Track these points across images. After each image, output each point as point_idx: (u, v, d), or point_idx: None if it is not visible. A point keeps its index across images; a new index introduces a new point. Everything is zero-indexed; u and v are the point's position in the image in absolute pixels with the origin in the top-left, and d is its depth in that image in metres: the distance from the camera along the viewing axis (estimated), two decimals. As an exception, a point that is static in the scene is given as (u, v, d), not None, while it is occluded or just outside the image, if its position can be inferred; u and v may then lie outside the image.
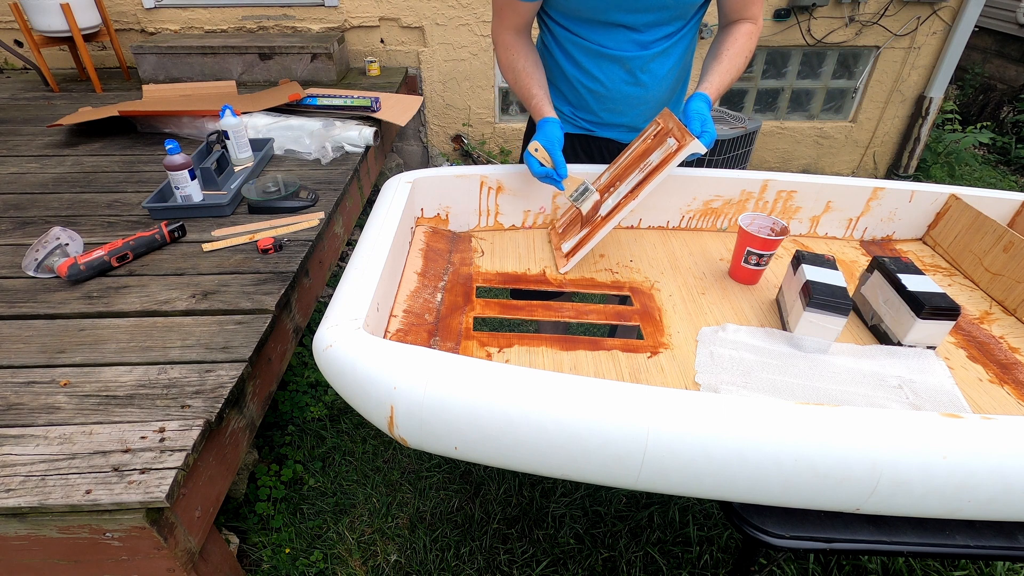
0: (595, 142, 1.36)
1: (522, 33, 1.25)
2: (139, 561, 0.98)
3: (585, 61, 1.23)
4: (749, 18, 1.21)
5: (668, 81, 1.26)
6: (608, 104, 1.28)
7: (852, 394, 0.89)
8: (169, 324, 1.28)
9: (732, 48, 1.19)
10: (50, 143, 2.25)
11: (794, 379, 0.92)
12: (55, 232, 1.49)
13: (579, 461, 0.70)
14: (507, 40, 1.24)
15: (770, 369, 0.93)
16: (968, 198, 1.29)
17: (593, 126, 1.33)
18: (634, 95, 1.26)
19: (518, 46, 1.24)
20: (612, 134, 1.34)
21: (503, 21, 1.23)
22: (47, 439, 1.00)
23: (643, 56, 1.20)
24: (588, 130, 1.34)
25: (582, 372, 0.92)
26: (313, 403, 1.90)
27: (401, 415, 0.71)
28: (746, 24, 1.21)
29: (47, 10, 2.60)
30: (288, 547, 1.50)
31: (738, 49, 1.19)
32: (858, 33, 3.23)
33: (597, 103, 1.29)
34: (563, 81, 1.29)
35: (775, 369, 0.93)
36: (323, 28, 3.16)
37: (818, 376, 0.93)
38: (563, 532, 1.55)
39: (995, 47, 4.67)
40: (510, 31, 1.24)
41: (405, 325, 0.99)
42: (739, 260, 1.14)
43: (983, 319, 1.11)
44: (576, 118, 1.33)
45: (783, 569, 1.46)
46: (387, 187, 1.18)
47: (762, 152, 3.64)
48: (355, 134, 2.18)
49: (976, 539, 0.78)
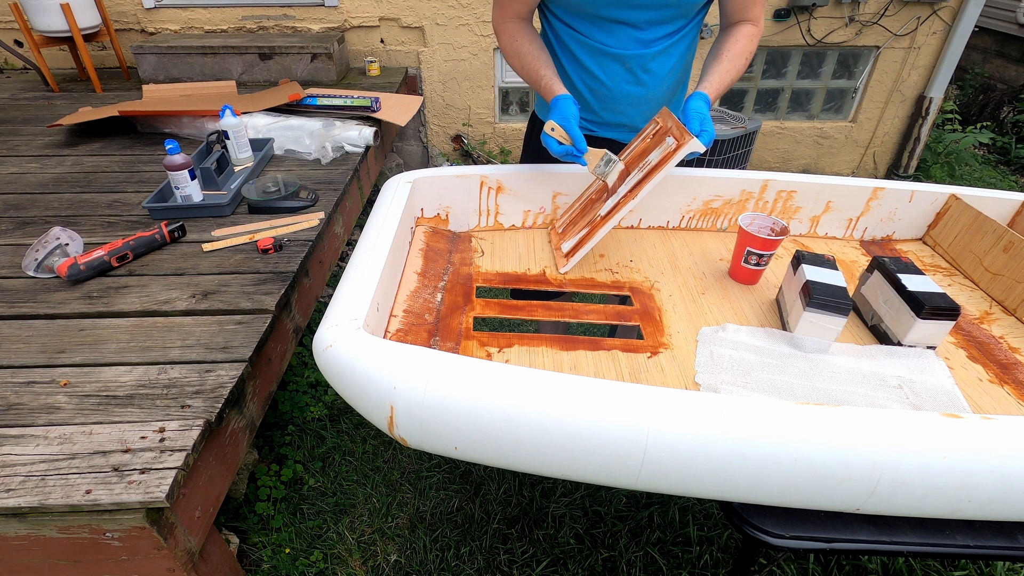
0: (596, 142, 1.35)
1: (524, 19, 1.25)
2: (139, 561, 0.98)
3: (586, 59, 1.23)
4: (750, 19, 1.21)
5: (669, 80, 1.26)
6: (609, 103, 1.28)
7: (852, 394, 0.89)
8: (169, 324, 1.28)
9: (733, 49, 1.19)
10: (50, 143, 2.25)
11: (794, 379, 0.92)
12: (55, 232, 1.49)
13: (579, 461, 0.70)
14: (510, 28, 1.24)
15: (770, 369, 0.93)
16: (968, 198, 1.29)
17: (595, 126, 1.33)
18: (635, 94, 1.26)
19: (521, 32, 1.24)
20: (613, 134, 1.34)
21: (505, 10, 1.23)
22: (47, 439, 1.00)
23: (644, 55, 1.20)
24: (590, 130, 1.34)
25: (582, 372, 0.92)
26: (313, 403, 1.90)
27: (401, 415, 0.71)
28: (747, 26, 1.21)
29: (47, 10, 2.60)
30: (288, 547, 1.50)
31: (739, 50, 1.19)
32: (858, 33, 3.23)
33: (598, 102, 1.29)
34: (564, 79, 1.28)
35: (775, 369, 0.93)
36: (323, 28, 3.16)
37: (818, 376, 0.93)
38: (563, 532, 1.55)
39: (995, 47, 4.67)
40: (512, 19, 1.24)
41: (405, 325, 0.99)
42: (739, 260, 1.14)
43: (983, 319, 1.11)
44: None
45: (783, 569, 1.46)
46: (387, 187, 1.18)
47: (762, 152, 3.64)
48: (355, 134, 2.18)
49: (976, 539, 0.78)
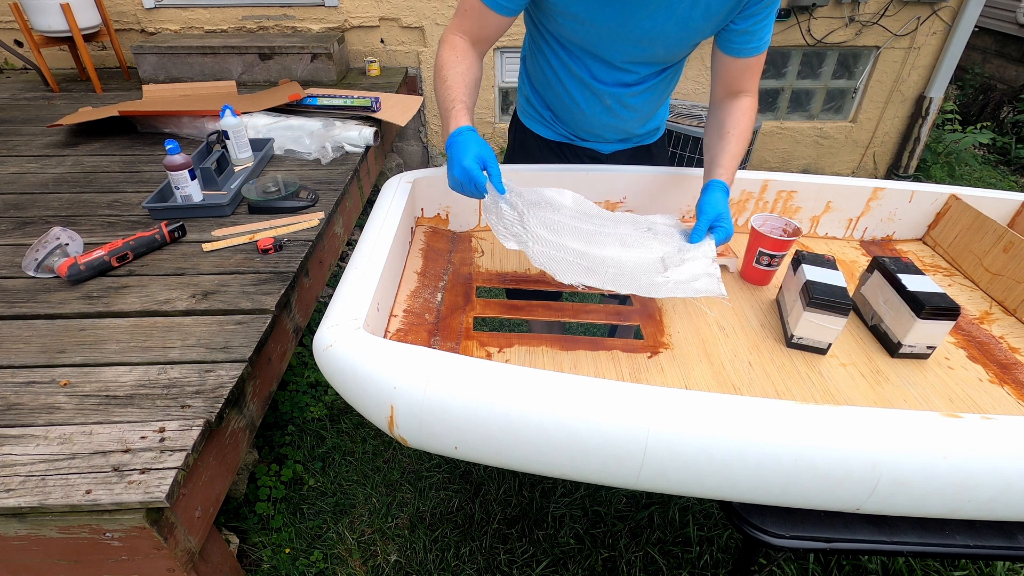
0: (574, 150, 1.36)
1: (477, 45, 1.10)
2: (139, 561, 0.98)
3: (568, 83, 1.21)
4: (747, 91, 1.13)
5: (646, 110, 1.26)
6: (584, 124, 1.29)
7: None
8: (169, 324, 1.28)
9: (737, 128, 1.11)
10: (50, 143, 2.25)
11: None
12: (55, 232, 1.49)
13: (579, 461, 0.70)
14: (459, 43, 1.08)
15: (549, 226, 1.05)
16: (968, 198, 1.29)
17: (572, 136, 1.34)
18: (610, 123, 1.27)
19: (468, 55, 1.08)
20: (591, 145, 1.35)
21: (463, 23, 1.08)
22: (47, 439, 1.00)
23: (624, 92, 1.19)
24: (568, 139, 1.35)
25: (582, 372, 0.92)
26: (313, 403, 1.90)
27: (401, 415, 0.71)
28: (745, 99, 1.13)
29: (47, 10, 2.60)
30: (288, 547, 1.50)
31: (742, 130, 1.12)
32: (858, 33, 3.23)
33: (573, 122, 1.30)
34: (548, 89, 1.28)
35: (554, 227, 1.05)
36: (323, 28, 3.16)
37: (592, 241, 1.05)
38: (563, 532, 1.55)
39: (995, 47, 4.67)
40: (467, 38, 1.09)
41: (405, 325, 0.99)
42: (751, 260, 1.14)
43: (983, 319, 1.11)
44: (556, 125, 1.34)
45: (783, 569, 1.46)
46: (387, 187, 1.18)
47: (762, 152, 3.64)
48: (355, 134, 2.18)
49: (976, 539, 0.78)
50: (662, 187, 1.30)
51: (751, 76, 1.12)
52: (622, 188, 1.29)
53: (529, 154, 1.39)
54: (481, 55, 1.12)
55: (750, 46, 1.06)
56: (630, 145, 1.36)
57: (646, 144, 1.38)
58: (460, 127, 0.98)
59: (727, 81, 1.13)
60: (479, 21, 1.07)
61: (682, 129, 2.72)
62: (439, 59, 1.08)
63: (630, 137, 1.34)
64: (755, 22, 1.03)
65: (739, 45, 1.06)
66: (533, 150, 1.38)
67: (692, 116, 2.81)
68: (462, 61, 1.06)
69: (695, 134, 2.64)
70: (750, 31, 1.04)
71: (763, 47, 1.07)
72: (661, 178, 1.29)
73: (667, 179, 1.29)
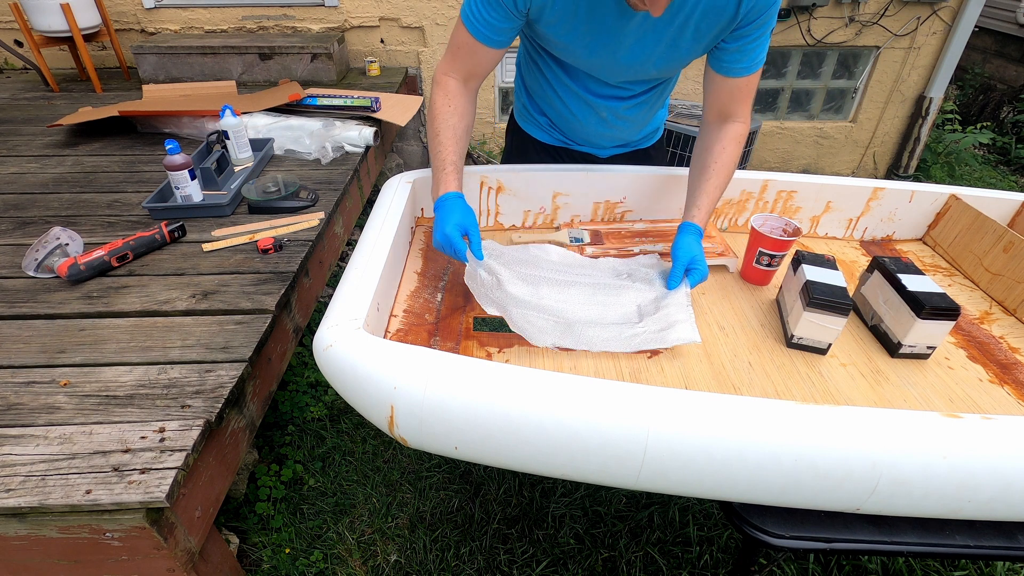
0: (571, 154, 1.37)
1: (470, 83, 1.09)
2: (139, 561, 0.98)
3: (563, 94, 1.22)
4: (737, 117, 1.08)
5: (641, 120, 1.27)
6: (580, 132, 1.30)
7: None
8: (169, 324, 1.28)
9: (718, 162, 1.07)
10: (50, 143, 2.25)
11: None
12: (55, 232, 1.49)
13: (579, 461, 0.70)
14: (451, 86, 1.08)
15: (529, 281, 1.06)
16: (968, 198, 1.29)
17: (569, 141, 1.35)
18: (606, 132, 1.28)
19: (460, 99, 1.08)
20: (586, 149, 1.36)
21: (455, 62, 1.07)
22: (47, 439, 1.00)
23: (620, 105, 1.20)
24: (565, 143, 1.36)
25: (582, 372, 0.92)
26: (313, 403, 1.90)
27: (401, 415, 0.71)
28: (734, 126, 1.08)
29: (47, 10, 2.60)
30: (288, 547, 1.50)
31: (726, 160, 1.08)
32: (858, 33, 3.23)
33: (568, 129, 1.31)
34: (543, 98, 1.28)
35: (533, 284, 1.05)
36: (323, 28, 3.16)
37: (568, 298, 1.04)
38: (563, 532, 1.55)
39: (995, 47, 4.67)
40: (459, 77, 1.08)
41: (405, 325, 0.99)
42: (751, 260, 1.14)
43: (983, 319, 1.11)
44: (552, 130, 1.35)
45: (783, 569, 1.46)
46: (387, 187, 1.18)
47: (762, 152, 3.64)
48: (355, 134, 2.18)
49: (976, 539, 0.78)
50: (662, 187, 1.30)
51: (742, 99, 1.07)
52: (622, 188, 1.29)
53: (526, 157, 1.39)
54: (474, 92, 1.12)
55: (740, 66, 1.03)
56: (627, 150, 1.37)
57: (644, 148, 1.39)
58: (447, 193, 1.01)
59: (717, 102, 1.09)
60: (471, 57, 1.06)
61: (682, 129, 2.73)
62: (432, 106, 1.09)
63: (627, 143, 1.35)
64: (747, 42, 1.00)
65: (729, 64, 1.03)
66: (530, 153, 1.39)
67: (692, 116, 2.81)
68: (455, 112, 1.07)
69: (695, 134, 2.64)
70: (741, 50, 1.01)
71: (755, 68, 1.03)
72: (661, 178, 1.29)
73: (667, 179, 1.29)
